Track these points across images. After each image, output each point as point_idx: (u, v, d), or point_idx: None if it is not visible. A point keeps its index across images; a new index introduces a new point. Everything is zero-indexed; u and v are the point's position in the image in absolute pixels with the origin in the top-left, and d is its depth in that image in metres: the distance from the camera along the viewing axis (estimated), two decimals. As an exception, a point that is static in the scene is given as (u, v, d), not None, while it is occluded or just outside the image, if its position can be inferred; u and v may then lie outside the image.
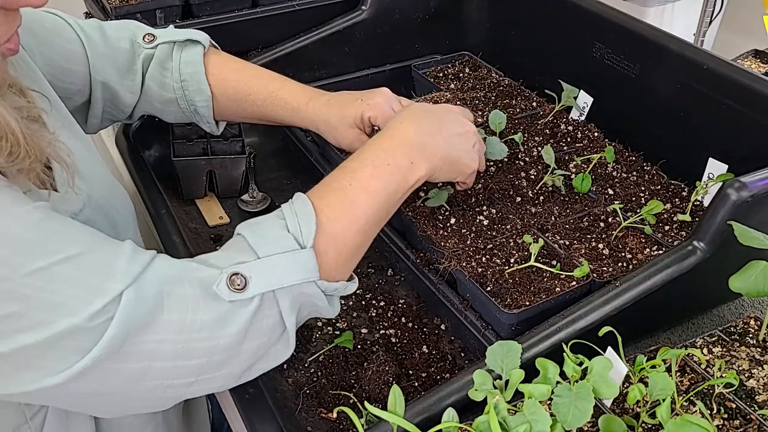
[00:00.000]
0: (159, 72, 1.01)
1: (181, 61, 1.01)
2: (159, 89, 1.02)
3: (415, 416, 0.70)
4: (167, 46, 1.01)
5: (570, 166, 1.05)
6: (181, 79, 1.01)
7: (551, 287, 0.82)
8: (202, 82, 1.01)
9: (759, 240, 0.72)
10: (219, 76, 1.02)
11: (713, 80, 0.98)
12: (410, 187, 0.82)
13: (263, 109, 1.03)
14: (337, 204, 0.75)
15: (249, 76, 1.03)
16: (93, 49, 0.97)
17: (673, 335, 0.90)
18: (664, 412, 0.62)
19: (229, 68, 1.04)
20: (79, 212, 0.76)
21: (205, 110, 1.03)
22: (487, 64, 1.32)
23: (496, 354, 0.65)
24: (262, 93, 1.02)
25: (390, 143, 0.82)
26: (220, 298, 0.66)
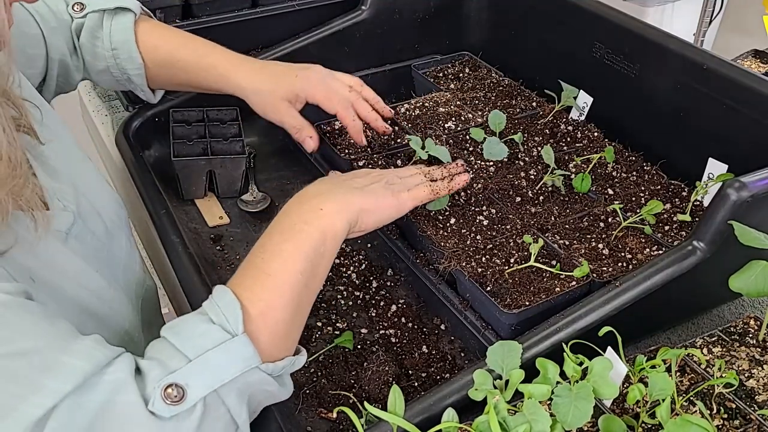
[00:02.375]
0: (90, 42, 1.01)
1: (112, 29, 1.00)
2: (92, 59, 1.02)
3: (415, 416, 0.70)
4: (97, 14, 1.00)
5: (570, 166, 1.05)
6: (112, 47, 1.00)
7: (551, 287, 0.82)
8: (132, 50, 1.00)
9: (759, 240, 0.72)
10: (149, 44, 1.02)
11: (713, 80, 0.98)
12: (332, 238, 0.76)
13: (193, 76, 1.03)
14: (255, 282, 0.70)
15: (179, 43, 1.03)
16: (46, 26, 0.96)
17: (673, 335, 0.90)
18: (663, 412, 0.62)
19: (159, 35, 1.03)
20: (70, 228, 0.74)
21: (138, 78, 1.03)
22: (487, 64, 1.32)
23: (496, 354, 0.65)
24: (191, 59, 1.02)
25: (291, 206, 0.79)
26: (161, 416, 0.58)
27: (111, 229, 0.83)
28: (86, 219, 0.78)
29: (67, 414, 0.55)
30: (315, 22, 1.32)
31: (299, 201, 0.79)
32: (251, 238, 1.05)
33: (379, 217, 0.83)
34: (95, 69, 1.03)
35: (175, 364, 0.61)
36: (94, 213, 0.81)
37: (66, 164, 0.80)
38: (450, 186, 0.91)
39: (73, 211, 0.76)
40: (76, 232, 0.76)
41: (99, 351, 0.59)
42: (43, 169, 0.75)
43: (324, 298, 0.96)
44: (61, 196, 0.75)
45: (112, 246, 0.83)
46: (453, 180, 0.91)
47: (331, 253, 0.76)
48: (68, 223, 0.74)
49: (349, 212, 0.78)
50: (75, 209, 0.76)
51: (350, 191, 0.81)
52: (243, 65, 1.01)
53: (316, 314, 0.94)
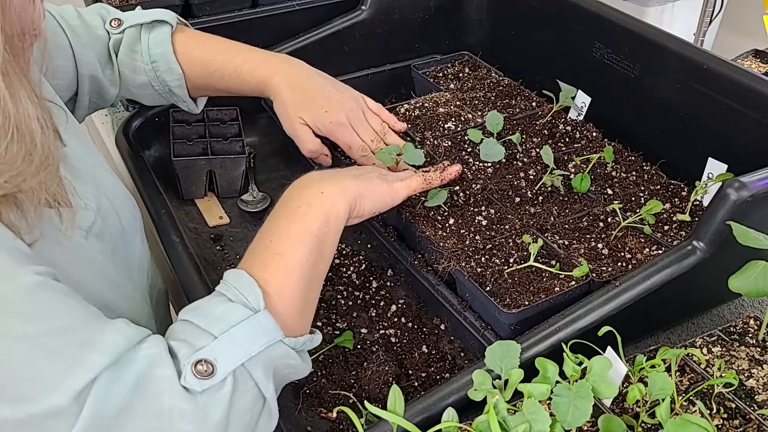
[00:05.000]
0: (129, 56, 1.01)
1: (150, 43, 1.00)
2: (131, 74, 1.02)
3: (414, 416, 0.70)
4: (134, 29, 1.01)
5: (569, 166, 1.05)
6: (151, 60, 1.01)
7: (550, 287, 0.82)
8: (171, 61, 1.01)
9: (758, 240, 0.72)
10: (186, 54, 1.02)
11: (713, 80, 0.98)
12: (335, 219, 0.79)
13: (231, 84, 1.03)
14: (267, 263, 0.72)
15: (214, 51, 1.03)
16: (77, 40, 0.97)
17: (673, 335, 0.90)
18: (663, 411, 0.62)
19: (195, 45, 1.03)
20: (91, 226, 0.76)
21: (179, 89, 1.03)
22: (486, 64, 1.32)
23: (496, 354, 0.65)
24: (227, 68, 1.02)
25: (292, 192, 0.81)
26: (193, 390, 0.61)
27: (127, 230, 0.84)
28: (106, 218, 0.79)
29: (105, 386, 0.57)
30: (315, 22, 1.32)
31: (300, 186, 0.81)
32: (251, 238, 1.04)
33: (375, 202, 0.85)
34: (135, 83, 1.03)
35: (202, 342, 0.63)
36: (113, 213, 0.82)
37: (86, 165, 0.81)
38: (442, 176, 0.93)
39: (94, 210, 0.77)
40: (96, 230, 0.77)
41: (132, 329, 0.62)
42: (65, 168, 0.75)
43: (324, 298, 0.96)
44: (82, 195, 0.76)
45: (128, 246, 0.84)
46: (445, 170, 0.93)
47: (335, 235, 0.79)
48: (89, 221, 0.76)
49: (349, 195, 0.81)
50: (95, 208, 0.77)
51: (347, 177, 0.84)
52: (278, 76, 1.01)
53: (316, 314, 0.93)
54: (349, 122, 1.01)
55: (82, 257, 0.73)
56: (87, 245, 0.75)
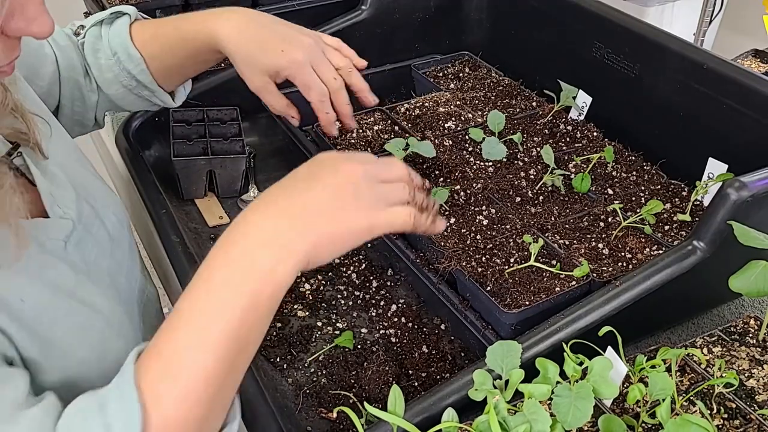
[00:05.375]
0: (94, 56, 0.98)
1: (110, 36, 0.97)
2: (99, 73, 0.99)
3: (415, 416, 0.70)
4: (95, 28, 0.99)
5: (569, 165, 1.05)
6: (112, 53, 0.97)
7: (551, 287, 0.82)
8: (129, 47, 0.96)
9: (759, 240, 0.72)
10: (141, 38, 0.97)
11: (713, 80, 0.98)
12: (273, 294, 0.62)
13: (183, 53, 0.96)
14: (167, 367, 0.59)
15: (165, 25, 0.99)
16: (56, 44, 0.96)
17: (673, 335, 0.90)
18: (664, 411, 0.62)
19: (150, 27, 0.99)
20: (69, 236, 0.74)
21: (143, 76, 0.98)
22: (486, 64, 1.32)
23: (496, 354, 0.65)
24: (175, 36, 0.96)
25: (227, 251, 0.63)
26: None
27: (113, 235, 0.83)
28: (88, 225, 0.78)
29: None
30: (315, 22, 1.32)
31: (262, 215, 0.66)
32: (251, 238, 1.05)
33: (339, 248, 0.66)
34: (105, 82, 1.00)
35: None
36: (97, 219, 0.81)
37: (69, 170, 0.80)
38: (428, 228, 0.73)
39: (72, 219, 0.75)
40: (75, 239, 0.75)
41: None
42: (43, 175, 0.75)
43: (324, 298, 0.96)
44: (61, 203, 0.75)
45: (114, 252, 0.82)
46: (434, 223, 0.74)
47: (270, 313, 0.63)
48: (67, 231, 0.74)
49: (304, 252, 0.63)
50: (75, 216, 0.76)
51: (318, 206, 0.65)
52: (230, 20, 0.93)
53: (316, 314, 0.94)
54: (309, 60, 0.93)
55: (53, 276, 0.70)
56: (60, 261, 0.72)
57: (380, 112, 1.17)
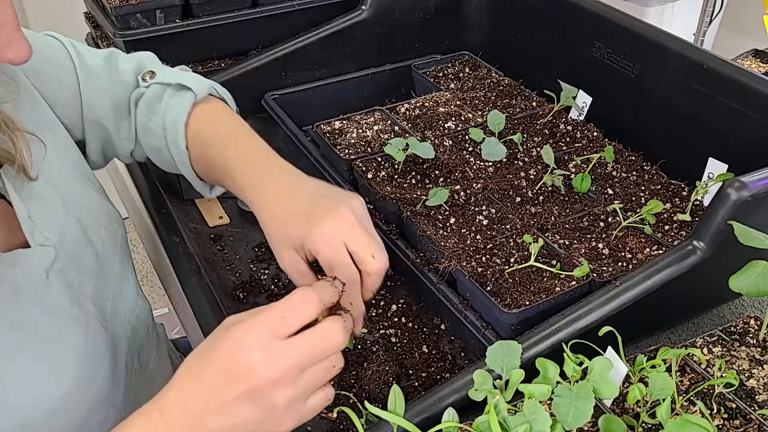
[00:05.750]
0: (146, 115, 0.92)
1: (169, 105, 0.90)
2: (144, 134, 0.92)
3: (415, 416, 0.70)
4: (160, 87, 0.91)
5: (569, 165, 1.05)
6: (163, 127, 0.90)
7: (551, 287, 0.82)
8: (179, 137, 0.89)
9: (759, 240, 0.72)
10: (194, 130, 0.89)
11: (713, 80, 0.98)
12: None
13: (221, 180, 0.88)
14: None
15: (218, 135, 0.89)
16: (90, 81, 0.89)
17: (673, 335, 0.90)
18: (664, 412, 0.62)
19: (207, 122, 0.90)
20: (51, 265, 0.72)
21: (184, 168, 0.91)
22: (487, 64, 1.32)
23: (496, 354, 0.65)
24: (218, 161, 0.87)
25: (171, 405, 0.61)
26: None
27: (102, 256, 0.80)
28: (72, 250, 0.76)
29: None
30: (315, 22, 1.32)
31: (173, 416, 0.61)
32: (251, 238, 1.06)
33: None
34: (150, 146, 0.93)
35: None
36: (84, 239, 0.78)
37: (61, 185, 0.79)
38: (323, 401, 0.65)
39: (54, 245, 0.73)
40: (58, 267, 0.73)
41: None
42: (24, 200, 0.74)
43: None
44: (42, 227, 0.73)
45: (102, 273, 0.80)
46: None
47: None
48: (48, 261, 0.72)
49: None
50: (56, 241, 0.73)
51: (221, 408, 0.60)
52: (263, 185, 0.81)
53: (316, 314, 0.94)
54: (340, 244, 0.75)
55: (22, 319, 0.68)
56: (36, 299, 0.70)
57: (380, 112, 1.17)
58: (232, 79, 1.26)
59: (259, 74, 1.28)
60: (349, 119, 1.15)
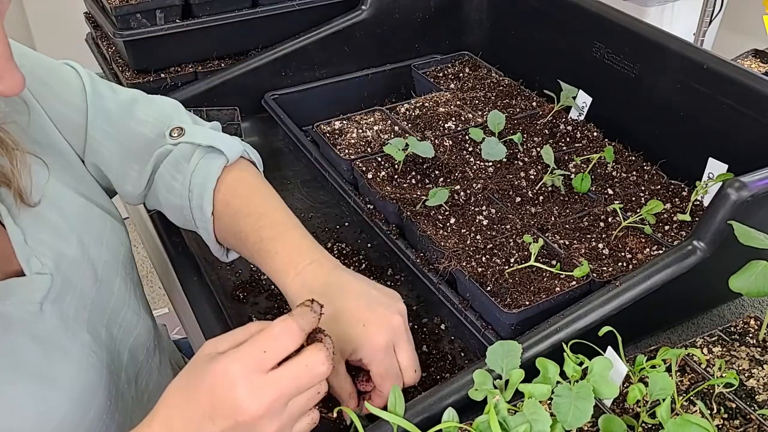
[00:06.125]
0: (170, 173, 0.88)
1: (197, 168, 0.86)
2: (165, 192, 0.89)
3: (415, 416, 0.70)
4: (189, 147, 0.88)
5: (569, 166, 1.05)
6: (189, 189, 0.86)
7: (551, 287, 0.82)
8: (206, 198, 0.85)
9: (759, 240, 0.72)
10: (225, 197, 0.85)
11: (713, 80, 0.98)
12: None
13: (251, 255, 0.83)
14: None
15: (252, 206, 0.84)
16: (96, 122, 0.87)
17: (673, 335, 0.90)
18: (664, 411, 0.62)
19: (239, 191, 0.86)
20: (47, 295, 0.71)
21: (204, 232, 0.87)
22: (487, 64, 1.32)
23: (496, 354, 0.65)
24: (252, 236, 0.81)
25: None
26: None
27: (102, 275, 0.79)
28: (69, 274, 0.74)
29: None
30: (315, 22, 1.32)
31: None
32: (251, 238, 1.05)
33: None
34: (170, 204, 0.90)
35: None
36: (84, 261, 0.77)
37: (59, 205, 0.78)
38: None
39: (51, 272, 0.72)
40: (53, 296, 0.71)
41: None
42: (22, 223, 0.73)
43: (324, 298, 0.96)
44: (38, 252, 0.72)
45: (100, 297, 0.79)
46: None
47: None
48: (44, 290, 0.71)
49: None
50: (53, 266, 0.72)
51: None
52: (304, 272, 0.76)
53: (316, 314, 0.93)
54: (389, 353, 0.72)
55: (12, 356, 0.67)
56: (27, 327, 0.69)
57: (380, 112, 1.17)
58: (232, 79, 1.26)
59: (259, 74, 1.28)
60: (349, 119, 1.15)
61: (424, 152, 1.00)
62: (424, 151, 1.00)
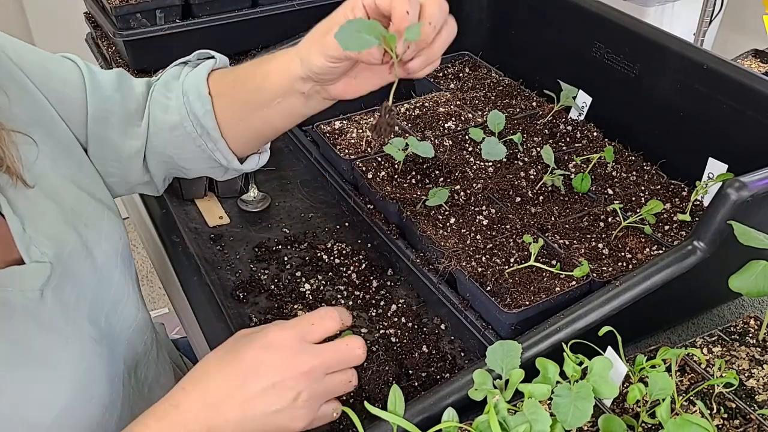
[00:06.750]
0: (162, 94, 0.90)
1: (188, 76, 0.90)
2: (162, 114, 0.89)
3: (415, 416, 0.70)
4: (178, 67, 0.92)
5: (569, 165, 1.05)
6: (183, 93, 0.88)
7: (551, 287, 0.82)
8: (201, 85, 0.87)
9: (759, 240, 0.72)
10: (218, 79, 0.89)
11: (713, 80, 0.98)
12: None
13: (257, 79, 0.84)
14: None
15: (248, 66, 0.88)
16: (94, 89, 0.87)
17: (673, 335, 0.90)
18: (663, 411, 0.62)
19: (233, 71, 0.90)
20: (46, 282, 0.71)
21: (207, 119, 0.87)
22: (487, 64, 1.32)
23: (496, 354, 0.65)
24: (250, 65, 0.87)
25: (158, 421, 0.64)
26: None
27: (102, 266, 0.79)
28: (69, 263, 0.75)
29: None
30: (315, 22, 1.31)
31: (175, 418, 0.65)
32: (251, 238, 1.06)
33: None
34: (166, 125, 0.89)
35: None
36: (84, 250, 0.77)
37: (56, 195, 0.77)
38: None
39: (50, 261, 0.72)
40: (53, 284, 0.72)
41: None
42: (20, 212, 0.73)
43: (324, 298, 0.96)
44: (37, 241, 0.72)
45: (100, 287, 0.79)
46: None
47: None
48: (44, 278, 0.71)
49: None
50: (53, 255, 0.72)
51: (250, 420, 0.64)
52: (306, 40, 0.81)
53: (316, 314, 0.94)
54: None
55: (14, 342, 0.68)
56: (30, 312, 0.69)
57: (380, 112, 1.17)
58: (232, 79, 1.26)
59: (259, 74, 1.28)
60: (349, 119, 1.15)
61: (424, 152, 1.00)
62: (424, 151, 1.00)
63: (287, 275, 0.99)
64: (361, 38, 0.66)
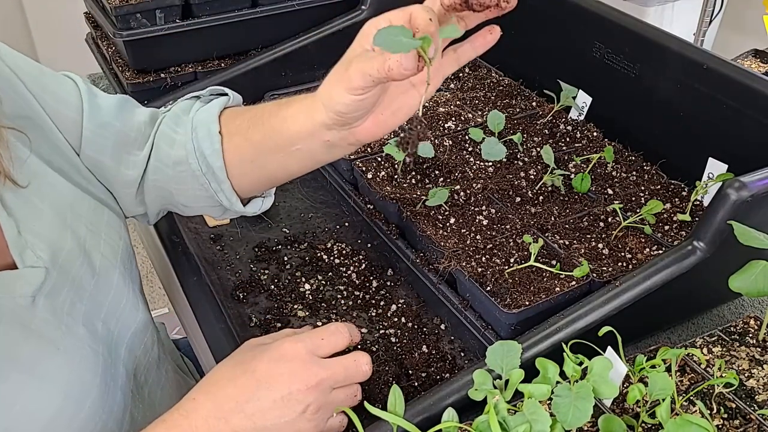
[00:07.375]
0: (170, 127, 0.87)
1: (199, 111, 0.87)
2: (167, 148, 0.87)
3: (415, 416, 0.70)
4: (190, 101, 0.89)
5: (569, 165, 1.05)
6: (192, 128, 0.85)
7: (551, 287, 0.82)
8: (212, 123, 0.84)
9: (759, 240, 0.72)
10: (229, 117, 0.86)
11: (713, 80, 0.98)
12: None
13: (274, 123, 0.81)
14: None
15: (262, 108, 0.85)
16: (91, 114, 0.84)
17: (673, 335, 0.90)
18: (663, 411, 0.62)
19: (245, 112, 0.86)
20: (40, 288, 0.70)
21: (213, 158, 0.84)
22: (487, 64, 1.32)
23: (496, 354, 0.65)
24: (267, 107, 0.83)
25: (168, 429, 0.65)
26: None
27: (100, 268, 0.78)
28: (65, 267, 0.73)
29: None
30: (315, 22, 1.32)
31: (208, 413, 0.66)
32: (251, 238, 1.06)
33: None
34: (170, 160, 0.86)
35: None
36: (81, 254, 0.76)
37: (52, 196, 0.76)
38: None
39: (46, 265, 0.71)
40: (47, 289, 0.70)
41: None
42: (14, 213, 0.71)
43: (324, 298, 0.96)
44: (33, 245, 0.71)
45: (98, 290, 0.78)
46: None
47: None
48: (37, 283, 0.70)
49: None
50: (48, 260, 0.71)
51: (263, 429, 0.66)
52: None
53: (316, 314, 0.94)
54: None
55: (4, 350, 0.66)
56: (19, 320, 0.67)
57: (380, 112, 1.17)
58: (232, 79, 1.26)
59: (259, 74, 1.28)
60: (349, 119, 1.15)
61: (424, 152, 1.00)
62: (424, 151, 1.00)
63: (287, 275, 0.99)
64: (400, 41, 0.64)
